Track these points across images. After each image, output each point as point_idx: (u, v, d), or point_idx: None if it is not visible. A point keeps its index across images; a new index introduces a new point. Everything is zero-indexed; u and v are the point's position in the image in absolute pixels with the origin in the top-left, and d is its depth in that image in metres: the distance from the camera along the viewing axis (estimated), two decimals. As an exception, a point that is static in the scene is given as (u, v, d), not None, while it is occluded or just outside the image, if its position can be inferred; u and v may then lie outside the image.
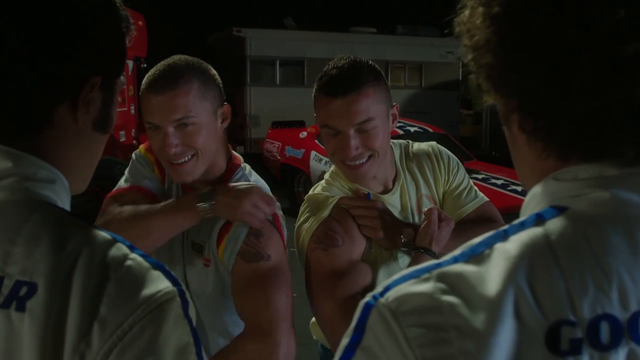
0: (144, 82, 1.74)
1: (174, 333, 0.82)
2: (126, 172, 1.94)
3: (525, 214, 0.79)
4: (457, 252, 0.76)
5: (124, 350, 0.78)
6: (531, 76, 0.74)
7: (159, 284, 0.84)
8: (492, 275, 0.70)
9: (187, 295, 0.86)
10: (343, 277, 1.70)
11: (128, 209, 1.73)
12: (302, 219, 1.85)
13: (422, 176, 1.96)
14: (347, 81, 1.73)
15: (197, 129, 1.72)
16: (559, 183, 0.77)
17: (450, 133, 10.79)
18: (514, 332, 0.67)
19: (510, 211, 2.01)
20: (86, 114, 0.95)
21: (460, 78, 18.27)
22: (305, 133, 10.68)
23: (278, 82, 15.86)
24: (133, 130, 9.81)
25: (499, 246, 0.74)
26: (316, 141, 10.00)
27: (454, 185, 1.98)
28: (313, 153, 9.89)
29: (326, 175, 1.98)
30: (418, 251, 1.75)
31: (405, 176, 1.94)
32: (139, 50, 10.07)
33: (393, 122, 1.85)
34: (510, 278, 0.70)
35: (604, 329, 0.68)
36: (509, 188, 7.28)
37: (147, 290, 0.82)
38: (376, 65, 1.84)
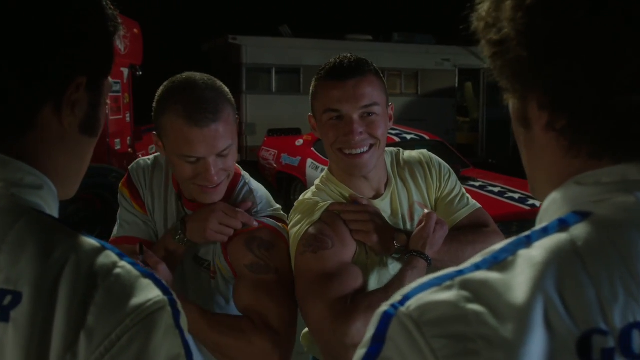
0: (168, 108, 1.67)
1: (164, 344, 0.79)
2: (118, 216, 1.94)
3: (544, 221, 0.77)
4: (477, 259, 0.73)
5: None
6: (569, 70, 0.71)
7: (149, 292, 0.81)
8: (518, 282, 0.68)
9: (179, 305, 0.83)
10: (333, 279, 1.67)
11: None
12: (291, 224, 1.83)
13: (414, 183, 1.95)
14: (353, 67, 1.78)
15: (232, 153, 1.73)
16: (580, 188, 0.75)
17: (447, 140, 10.82)
18: (545, 342, 0.65)
19: (507, 219, 2.02)
20: (72, 116, 0.92)
21: (457, 85, 18.32)
22: (301, 141, 10.67)
23: (274, 90, 15.87)
24: (128, 138, 9.78)
25: (523, 252, 0.71)
26: (312, 149, 10.00)
27: (445, 192, 1.98)
28: (309, 161, 9.87)
29: (317, 181, 1.97)
30: (411, 254, 1.73)
31: (396, 183, 1.94)
32: (135, 58, 10.07)
33: (390, 121, 1.87)
34: (538, 285, 0.67)
35: (636, 338, 0.65)
36: (506, 195, 7.28)
37: (137, 300, 0.79)
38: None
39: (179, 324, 0.82)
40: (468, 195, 2.03)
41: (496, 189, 7.53)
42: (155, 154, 1.98)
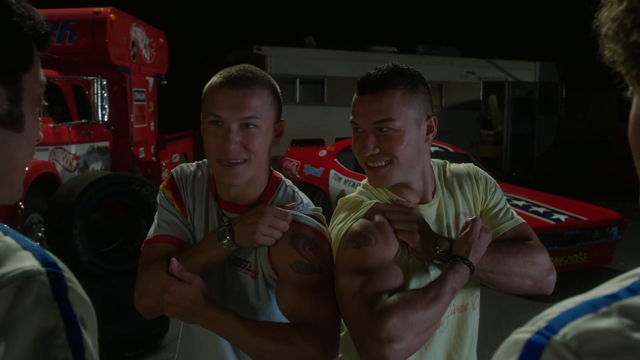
0: (212, 78, 1.81)
1: (34, 314, 0.76)
2: (156, 217, 1.96)
3: None
4: (625, 282, 0.67)
5: None
6: None
7: (22, 262, 0.79)
8: None
9: (68, 279, 0.81)
10: (373, 274, 1.66)
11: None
12: (336, 220, 1.85)
13: (461, 194, 1.96)
14: (378, 81, 1.77)
15: (258, 135, 1.77)
16: None
17: (471, 153, 10.74)
18: None
19: (532, 233, 2.00)
20: None
21: (481, 98, 18.22)
22: (324, 152, 10.68)
23: (298, 101, 15.85)
24: (152, 146, 9.86)
25: None
26: (335, 160, 10.00)
27: (491, 205, 1.98)
28: (332, 172, 9.87)
29: (364, 181, 1.98)
30: (454, 260, 1.73)
31: (443, 192, 1.94)
32: (160, 68, 10.17)
33: (428, 134, 1.85)
34: None
35: None
36: (531, 209, 7.23)
37: (5, 268, 0.78)
38: (420, 74, 1.86)
39: (62, 296, 0.79)
40: (513, 210, 2.02)
41: (521, 203, 7.48)
42: (198, 162, 2.01)
